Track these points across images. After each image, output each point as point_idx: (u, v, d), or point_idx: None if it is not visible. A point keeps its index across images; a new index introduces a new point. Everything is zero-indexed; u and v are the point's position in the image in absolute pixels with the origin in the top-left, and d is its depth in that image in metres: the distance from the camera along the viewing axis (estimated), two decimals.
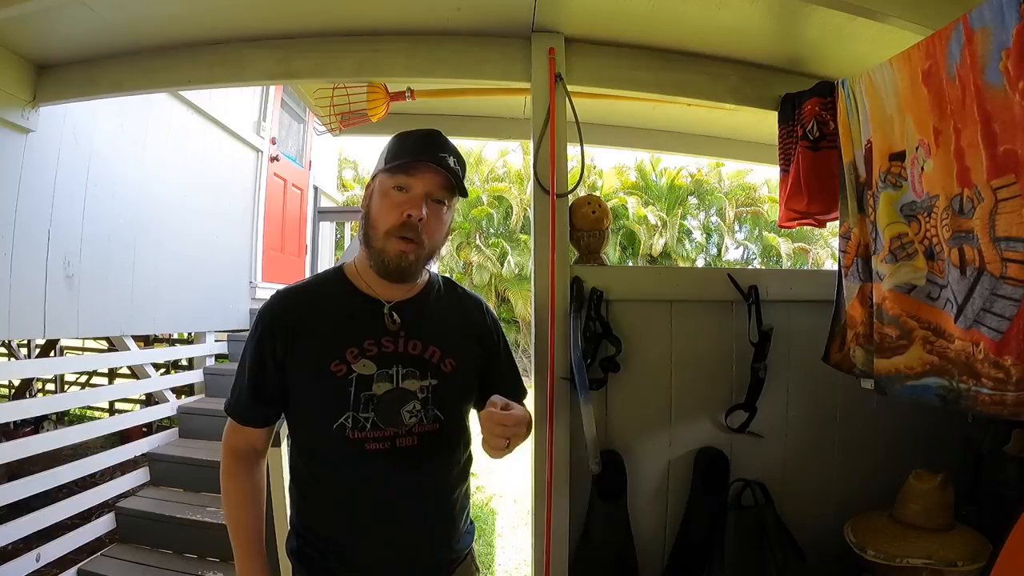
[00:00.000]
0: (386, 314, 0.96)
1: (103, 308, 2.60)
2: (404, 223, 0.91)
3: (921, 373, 1.04)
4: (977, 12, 0.87)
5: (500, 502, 4.37)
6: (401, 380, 0.93)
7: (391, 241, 0.92)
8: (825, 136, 1.35)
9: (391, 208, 0.92)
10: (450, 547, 0.99)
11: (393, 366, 0.93)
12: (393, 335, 0.95)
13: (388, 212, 0.92)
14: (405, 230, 0.91)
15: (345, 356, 0.91)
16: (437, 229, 0.96)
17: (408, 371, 0.93)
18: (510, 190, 13.08)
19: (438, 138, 0.96)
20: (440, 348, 0.97)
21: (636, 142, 2.39)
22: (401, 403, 0.92)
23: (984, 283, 0.89)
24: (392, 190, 0.92)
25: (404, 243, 0.91)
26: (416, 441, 0.92)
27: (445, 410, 0.95)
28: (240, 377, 0.97)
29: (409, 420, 0.92)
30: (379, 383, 0.91)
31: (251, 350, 0.95)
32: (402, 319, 0.96)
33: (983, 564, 1.09)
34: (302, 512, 0.98)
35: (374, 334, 0.94)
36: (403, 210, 0.91)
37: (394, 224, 0.91)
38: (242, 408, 0.97)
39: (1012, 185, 0.84)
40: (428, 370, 0.95)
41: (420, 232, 0.92)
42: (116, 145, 2.62)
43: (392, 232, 0.91)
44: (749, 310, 1.45)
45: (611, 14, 1.41)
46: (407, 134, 0.97)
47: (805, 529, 1.40)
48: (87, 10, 1.44)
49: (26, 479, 2.16)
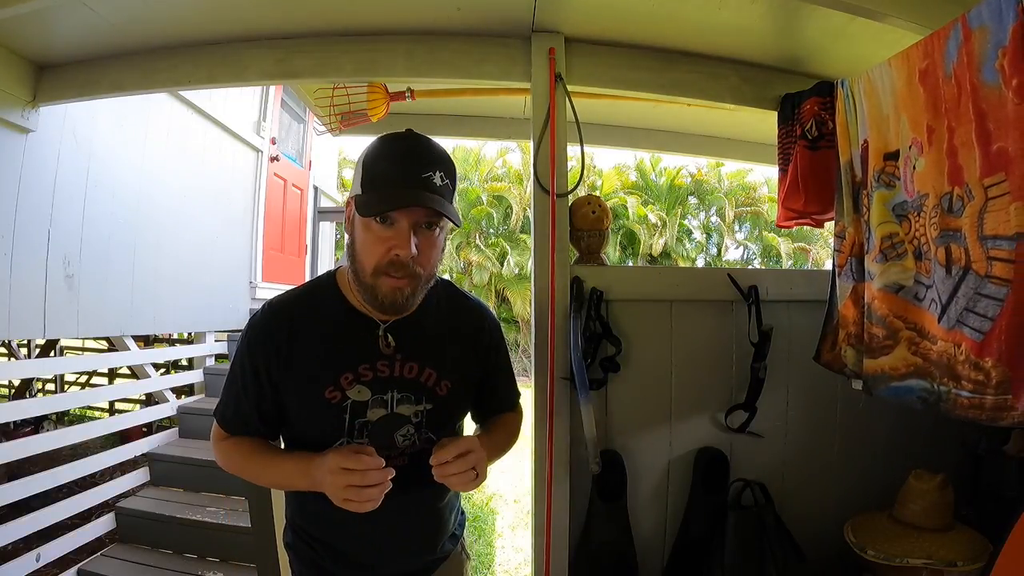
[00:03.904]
0: (380, 336, 0.90)
1: (103, 308, 2.60)
2: (392, 261, 0.82)
3: (905, 374, 1.04)
4: (976, 12, 0.87)
5: (500, 502, 4.37)
6: (395, 405, 0.90)
7: (381, 279, 0.83)
8: (824, 136, 1.35)
9: (376, 243, 0.82)
10: (440, 548, 1.02)
11: (388, 391, 0.89)
12: (388, 358, 0.90)
13: (373, 247, 0.82)
14: (394, 268, 0.82)
15: (340, 382, 0.87)
16: (430, 257, 0.86)
17: (403, 396, 0.90)
18: (510, 190, 13.08)
19: (420, 151, 0.84)
20: (436, 370, 0.92)
21: (636, 142, 2.39)
22: (395, 428, 0.91)
23: (969, 282, 0.89)
24: (374, 223, 0.81)
25: (397, 280, 0.83)
26: (407, 461, 0.91)
27: (438, 432, 0.93)
28: (231, 388, 0.92)
29: (402, 443, 0.91)
30: (373, 409, 0.89)
31: (242, 365, 0.90)
32: (397, 341, 0.90)
33: (983, 564, 1.09)
34: (295, 510, 0.99)
35: (369, 358, 0.89)
36: (390, 247, 0.81)
37: (381, 262, 0.82)
38: (232, 420, 0.93)
39: (1002, 183, 0.84)
40: (423, 394, 0.92)
41: (412, 266, 0.83)
42: (116, 145, 2.62)
43: (381, 270, 0.82)
44: (749, 310, 1.45)
45: (611, 14, 1.41)
46: (384, 146, 0.85)
47: (805, 529, 1.40)
48: (87, 10, 1.44)
49: (26, 479, 2.16)
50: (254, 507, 1.58)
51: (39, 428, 3.29)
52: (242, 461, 0.94)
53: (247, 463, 0.94)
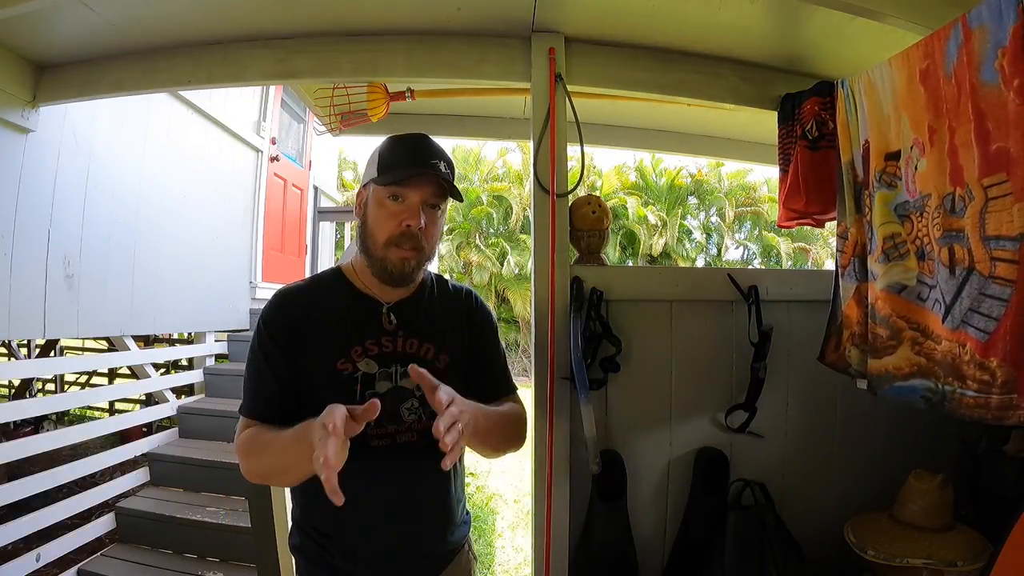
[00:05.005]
0: (384, 314, 0.99)
1: (103, 308, 2.60)
2: (404, 232, 0.94)
3: (908, 374, 1.04)
4: (976, 12, 0.87)
5: (500, 502, 4.38)
6: (399, 379, 0.96)
7: (392, 250, 0.94)
8: (824, 136, 1.35)
9: (388, 218, 0.94)
10: (450, 536, 1.04)
11: (392, 365, 0.96)
12: (391, 334, 0.98)
13: (386, 222, 0.94)
14: (405, 239, 0.94)
15: (350, 355, 0.94)
16: (434, 234, 0.99)
17: (406, 370, 0.94)
18: (510, 190, 13.09)
19: (428, 144, 0.98)
20: (434, 344, 1.00)
21: (636, 142, 2.39)
22: (400, 401, 0.96)
23: (973, 282, 0.89)
24: (387, 200, 0.94)
25: (405, 251, 0.94)
26: (416, 437, 0.96)
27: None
28: (253, 376, 0.95)
29: (408, 417, 0.96)
30: (381, 382, 0.95)
31: (261, 344, 0.95)
32: (399, 319, 1.00)
33: (983, 564, 1.09)
34: (306, 509, 1.00)
35: (374, 334, 0.97)
36: (401, 220, 0.93)
37: (393, 234, 0.94)
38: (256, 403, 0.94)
39: (1003, 183, 0.84)
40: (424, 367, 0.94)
41: (420, 239, 0.95)
42: (116, 145, 2.62)
43: (392, 241, 0.94)
44: (749, 310, 1.45)
45: (611, 14, 1.41)
46: (397, 141, 0.99)
47: (805, 529, 1.40)
48: (87, 10, 1.44)
49: (26, 479, 2.16)
50: (254, 507, 1.58)
51: (39, 428, 3.29)
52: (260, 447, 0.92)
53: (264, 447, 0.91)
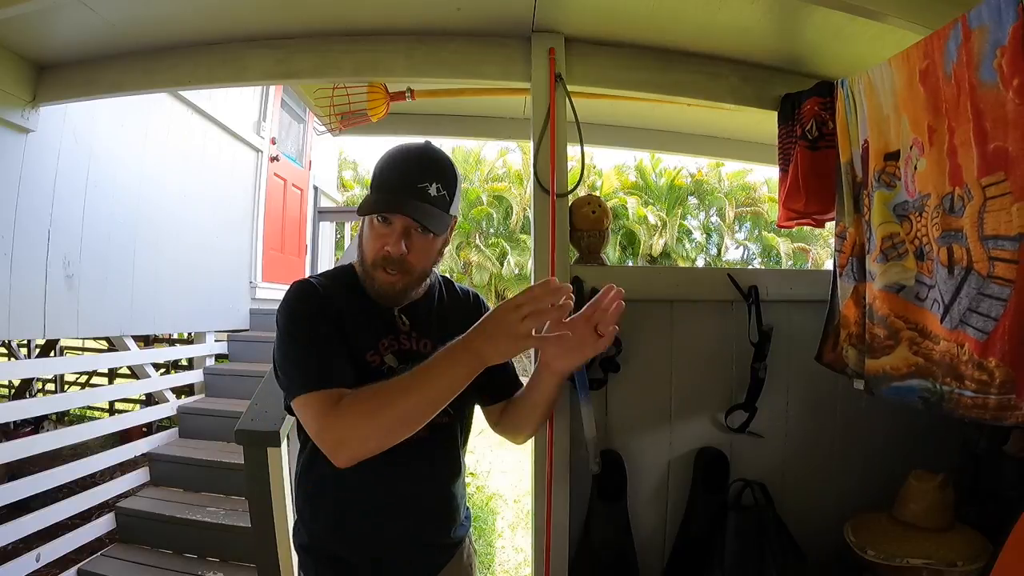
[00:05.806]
0: (397, 316, 1.01)
1: (103, 308, 2.60)
2: (386, 256, 0.92)
3: (906, 374, 1.04)
4: (976, 12, 0.87)
5: (500, 502, 4.37)
6: None
7: (379, 272, 0.93)
8: (824, 136, 1.34)
9: (374, 239, 0.93)
10: (453, 530, 1.07)
11: (410, 362, 0.94)
12: (407, 335, 1.00)
13: (372, 242, 0.93)
14: (389, 263, 0.92)
15: (379, 347, 0.96)
16: (422, 258, 0.95)
17: None
18: (510, 190, 13.09)
19: (423, 164, 0.93)
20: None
21: (636, 142, 2.39)
22: None
23: (971, 282, 0.89)
24: (376, 220, 0.92)
25: (391, 275, 0.93)
26: (428, 432, 0.94)
27: (454, 404, 0.94)
28: (314, 346, 0.89)
29: None
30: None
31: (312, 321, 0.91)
32: (411, 321, 1.01)
33: (983, 564, 1.09)
34: (314, 505, 1.00)
35: (393, 332, 0.99)
36: (384, 243, 0.91)
37: (377, 256, 0.93)
38: (342, 370, 0.89)
39: (1001, 183, 0.84)
40: None
41: (404, 263, 0.93)
42: (116, 145, 2.62)
43: (377, 264, 0.93)
44: (749, 310, 1.45)
45: (611, 14, 1.41)
46: (392, 158, 0.94)
47: (805, 529, 1.40)
48: (87, 10, 1.44)
49: (26, 479, 2.16)
50: (254, 507, 1.58)
51: (39, 428, 3.29)
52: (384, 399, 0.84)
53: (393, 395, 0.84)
